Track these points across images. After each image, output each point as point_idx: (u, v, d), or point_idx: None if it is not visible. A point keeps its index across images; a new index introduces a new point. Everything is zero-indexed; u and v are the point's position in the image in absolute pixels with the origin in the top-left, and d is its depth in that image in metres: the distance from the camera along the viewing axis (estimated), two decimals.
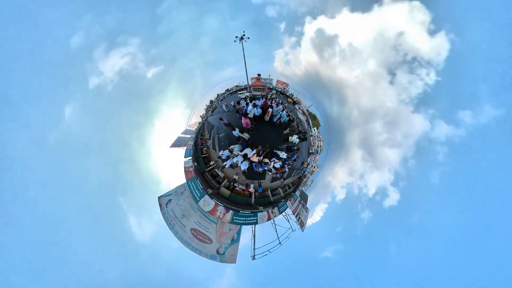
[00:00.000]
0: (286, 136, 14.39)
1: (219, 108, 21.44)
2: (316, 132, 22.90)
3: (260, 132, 14.55)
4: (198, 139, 17.87)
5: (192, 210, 11.95)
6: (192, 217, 11.51)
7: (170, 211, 11.65)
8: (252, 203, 13.59)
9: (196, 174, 14.00)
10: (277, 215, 13.03)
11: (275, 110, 14.30)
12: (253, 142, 13.05)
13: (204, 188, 13.06)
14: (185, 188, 13.62)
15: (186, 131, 18.49)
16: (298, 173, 18.83)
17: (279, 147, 14.48)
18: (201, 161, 16.25)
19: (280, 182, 15.81)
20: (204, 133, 18.55)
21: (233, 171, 14.84)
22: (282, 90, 24.10)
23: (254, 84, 22.64)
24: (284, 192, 15.79)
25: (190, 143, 16.94)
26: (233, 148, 12.03)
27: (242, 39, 15.69)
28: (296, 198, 15.09)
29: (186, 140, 17.45)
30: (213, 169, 15.69)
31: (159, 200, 12.17)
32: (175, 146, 16.93)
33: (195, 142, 17.22)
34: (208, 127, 18.30)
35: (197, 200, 12.28)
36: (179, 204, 12.29)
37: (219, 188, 14.08)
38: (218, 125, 16.95)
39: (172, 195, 13.03)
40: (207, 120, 18.99)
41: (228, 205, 12.41)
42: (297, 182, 18.33)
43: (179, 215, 11.43)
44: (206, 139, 17.84)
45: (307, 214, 14.88)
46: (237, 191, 14.21)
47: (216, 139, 16.43)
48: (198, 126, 19.10)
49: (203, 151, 17.06)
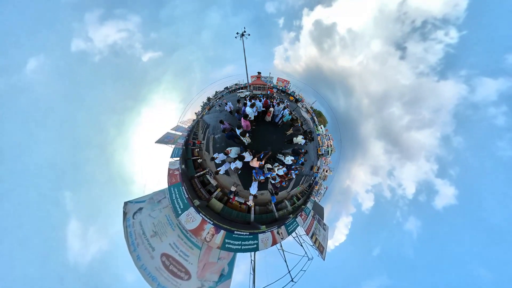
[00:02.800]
0: (290, 137, 12.05)
1: (216, 107, 19.30)
2: (323, 130, 20.46)
3: (261, 134, 12.07)
4: (190, 138, 14.92)
5: (169, 227, 8.57)
6: (167, 237, 8.10)
7: (137, 224, 8.25)
8: (252, 221, 10.34)
9: (183, 179, 10.93)
10: (285, 237, 9.68)
11: (277, 110, 12.26)
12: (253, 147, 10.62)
13: (189, 198, 9.95)
14: (164, 195, 10.37)
15: (177, 128, 15.55)
16: (308, 180, 15.76)
17: (283, 152, 11.83)
18: (190, 164, 13.15)
19: (286, 193, 12.69)
20: (198, 132, 15.78)
21: (229, 180, 11.74)
22: (283, 88, 22.44)
23: (254, 82, 21.25)
24: (292, 205, 12.58)
25: (180, 142, 13.92)
26: (230, 151, 9.33)
27: (243, 36, 15.33)
28: (308, 212, 11.82)
29: (175, 137, 14.45)
30: (204, 175, 12.54)
31: (125, 207, 8.81)
32: (161, 143, 13.84)
33: (186, 141, 14.24)
34: (203, 126, 15.71)
35: (178, 213, 9.02)
36: (152, 216, 8.92)
37: (209, 199, 10.87)
38: (214, 124, 14.42)
39: (146, 202, 9.70)
40: (203, 118, 16.49)
41: (220, 222, 9.16)
42: (308, 191, 15.24)
43: (148, 232, 8.02)
44: (200, 141, 14.90)
45: (326, 233, 11.42)
46: (233, 205, 11.00)
47: (211, 140, 13.60)
48: (192, 124, 16.54)
49: (194, 152, 14.03)
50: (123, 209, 8.87)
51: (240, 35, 15.54)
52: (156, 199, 10.24)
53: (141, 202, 9.68)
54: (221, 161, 10.57)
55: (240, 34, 15.47)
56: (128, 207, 9.03)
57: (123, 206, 8.96)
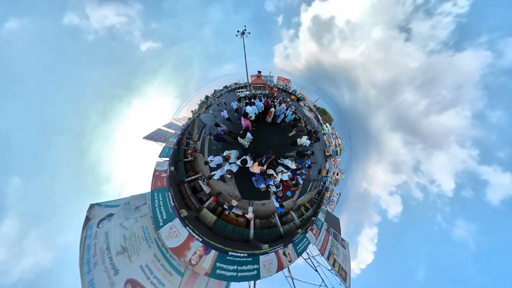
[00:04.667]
0: (294, 138, 10.70)
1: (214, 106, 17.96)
2: (329, 129, 18.92)
3: (261, 136, 10.55)
4: (183, 138, 13.14)
5: (144, 243, 6.54)
6: (139, 256, 6.05)
7: (101, 235, 6.21)
8: (251, 238, 8.36)
9: (170, 183, 9.04)
10: (294, 260, 7.59)
11: (278, 110, 11.06)
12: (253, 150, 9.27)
13: (176, 206, 8.06)
14: (145, 201, 8.45)
15: (170, 125, 13.80)
16: (316, 186, 13.86)
17: (287, 155, 10.35)
18: (181, 166, 11.29)
19: (292, 202, 10.79)
20: (193, 132, 14.06)
21: (225, 187, 9.88)
22: (284, 87, 21.59)
23: (255, 82, 20.40)
24: (300, 217, 10.62)
25: (171, 140, 12.12)
26: (230, 155, 7.76)
27: (243, 34, 15.14)
28: (320, 225, 9.83)
29: (167, 135, 12.66)
30: (196, 180, 10.65)
31: (90, 210, 6.81)
32: (150, 139, 11.99)
33: (179, 141, 12.45)
34: (199, 126, 14.12)
35: (158, 225, 7.06)
36: (125, 227, 6.90)
37: (200, 209, 8.91)
38: (211, 124, 12.82)
39: (119, 208, 7.71)
40: (199, 117, 14.92)
41: (211, 239, 7.19)
42: (318, 200, 13.26)
43: (115, 247, 5.97)
44: (195, 140, 13.14)
45: (346, 251, 9.26)
46: (228, 217, 9.06)
47: (207, 141, 11.96)
48: (187, 122, 14.84)
49: (187, 154, 12.18)
50: (87, 212, 6.85)
51: (241, 34, 15.33)
52: (134, 205, 8.25)
53: (113, 206, 7.67)
54: (216, 165, 8.87)
55: (240, 32, 15.27)
56: (94, 211, 7.01)
57: (88, 208, 6.96)
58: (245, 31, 15.29)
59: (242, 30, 15.26)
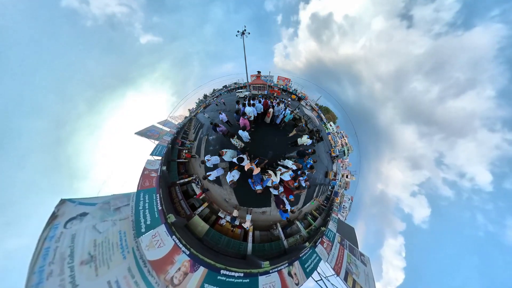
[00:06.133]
0: (294, 139, 9.86)
1: (213, 105, 17.51)
2: (334, 128, 17.90)
3: (260, 138, 9.76)
4: (179, 137, 12.18)
5: (119, 252, 5.37)
6: (109, 269, 4.87)
7: (66, 238, 5.04)
8: (248, 253, 7.17)
9: (160, 185, 8.01)
10: (302, 282, 6.32)
11: (276, 110, 10.44)
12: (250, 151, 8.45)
13: (163, 210, 6.97)
14: (128, 202, 7.33)
15: (165, 122, 12.85)
16: (324, 190, 12.58)
17: (287, 156, 9.47)
18: (174, 167, 10.26)
19: (297, 210, 9.68)
20: (189, 132, 13.14)
21: (222, 191, 8.82)
22: (284, 87, 21.20)
23: (254, 82, 19.77)
24: (308, 228, 9.40)
25: (165, 139, 11.13)
26: (224, 152, 7.11)
27: (243, 34, 15.30)
28: (332, 237, 8.57)
29: (161, 133, 11.67)
30: (189, 183, 9.59)
31: (60, 206, 5.67)
32: (143, 136, 10.98)
33: (174, 140, 11.48)
34: (196, 125, 13.26)
35: (140, 231, 5.96)
36: (98, 230, 5.75)
37: (190, 216, 7.79)
38: (209, 124, 11.97)
39: (96, 207, 6.59)
40: (196, 117, 14.17)
41: (200, 253, 6.03)
42: (326, 206, 11.99)
43: (80, 255, 4.80)
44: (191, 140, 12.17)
45: (367, 269, 7.91)
46: (222, 227, 7.93)
47: (204, 141, 11.07)
48: (184, 121, 13.97)
49: (181, 154, 11.18)
50: (55, 208, 5.70)
51: (241, 33, 15.44)
52: (114, 205, 7.10)
53: (88, 204, 6.52)
54: (212, 165, 7.94)
55: (240, 32, 15.39)
56: (64, 208, 5.85)
57: (57, 204, 5.80)
58: (245, 31, 15.40)
59: (242, 30, 15.37)
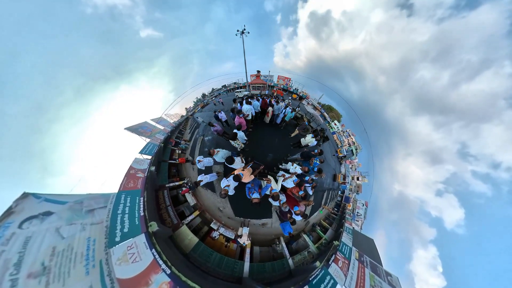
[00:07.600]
0: (297, 139, 9.14)
1: (211, 105, 16.98)
2: (339, 126, 17.00)
3: (259, 138, 9.12)
4: (173, 136, 11.33)
5: (82, 264, 4.36)
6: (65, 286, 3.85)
7: (17, 240, 4.04)
8: (245, 276, 6.11)
9: (145, 187, 7.08)
10: None
11: (276, 109, 9.90)
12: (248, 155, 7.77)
13: (145, 216, 6.02)
14: (106, 203, 6.37)
15: (159, 120, 12.01)
16: (333, 196, 11.37)
17: (290, 158, 8.59)
18: (164, 169, 9.33)
19: (303, 221, 8.68)
20: (184, 131, 12.39)
21: (215, 199, 7.91)
22: (285, 87, 20.79)
23: (254, 81, 19.36)
24: (317, 242, 8.22)
25: (158, 137, 10.24)
26: (216, 152, 6.38)
27: (243, 34, 15.54)
28: (347, 252, 7.22)
29: (154, 130, 10.79)
30: (179, 187, 8.65)
31: (19, 201, 4.67)
32: (133, 132, 10.08)
33: (167, 139, 10.60)
34: (192, 125, 12.59)
35: (113, 241, 5.01)
36: (62, 235, 4.75)
37: (178, 226, 6.80)
38: (206, 125, 11.28)
39: (66, 206, 5.60)
40: (193, 116, 13.90)
41: (183, 273, 5.05)
42: (337, 215, 10.72)
43: (30, 265, 3.79)
44: (186, 140, 11.32)
45: None
46: (215, 241, 6.93)
47: (199, 142, 10.33)
48: (179, 120, 13.23)
49: (173, 155, 10.28)
50: (13, 203, 4.70)
51: (241, 33, 15.62)
52: (88, 207, 6.09)
53: (56, 202, 5.52)
54: (204, 167, 7.10)
55: (240, 31, 15.59)
56: (25, 203, 4.86)
57: (17, 197, 4.80)
58: (244, 31, 15.51)
59: (242, 30, 15.47)
